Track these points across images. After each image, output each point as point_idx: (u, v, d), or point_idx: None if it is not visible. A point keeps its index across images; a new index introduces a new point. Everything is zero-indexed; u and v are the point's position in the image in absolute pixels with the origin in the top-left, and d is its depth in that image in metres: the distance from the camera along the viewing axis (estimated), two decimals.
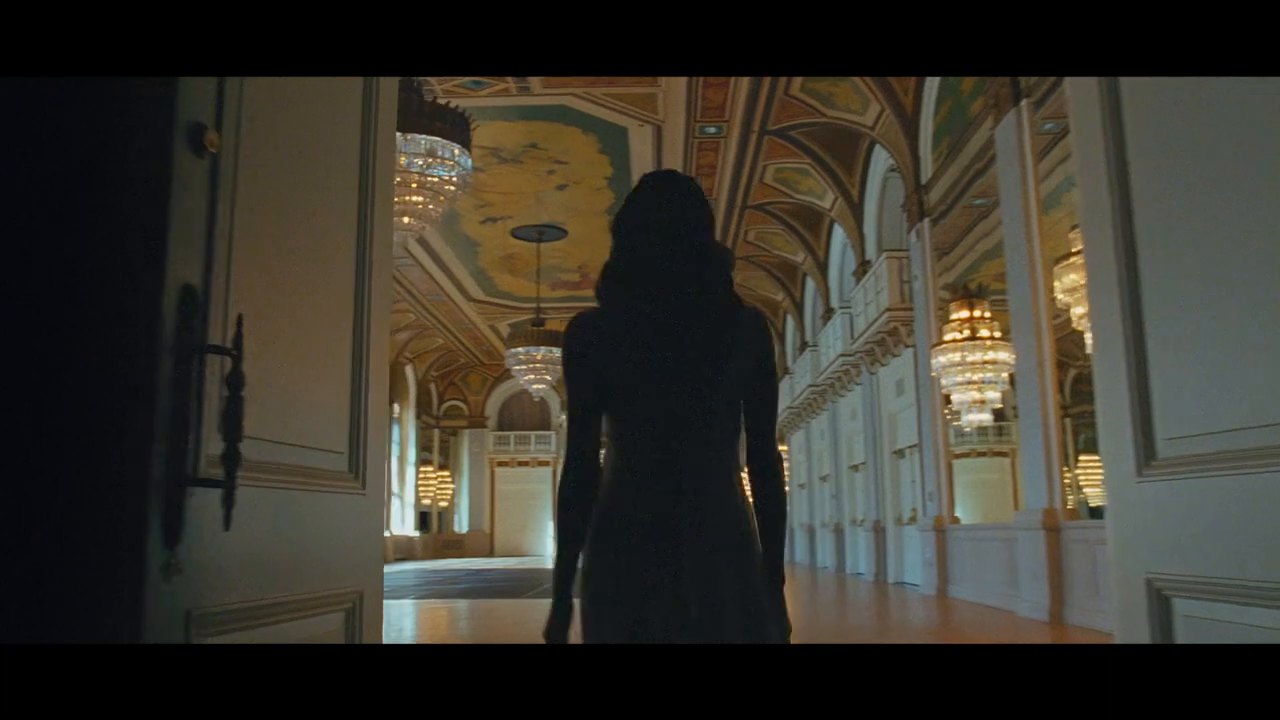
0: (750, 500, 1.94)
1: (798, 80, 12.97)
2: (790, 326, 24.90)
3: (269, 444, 1.64)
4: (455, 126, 8.77)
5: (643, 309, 1.90)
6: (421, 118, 8.54)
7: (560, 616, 1.84)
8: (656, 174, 2.05)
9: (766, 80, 12.67)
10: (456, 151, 8.73)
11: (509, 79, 12.54)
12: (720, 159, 15.40)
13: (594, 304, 1.97)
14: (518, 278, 23.13)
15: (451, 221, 18.82)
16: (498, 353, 33.41)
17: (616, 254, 1.99)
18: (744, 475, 1.96)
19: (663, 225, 1.95)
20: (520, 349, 18.82)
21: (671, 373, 1.86)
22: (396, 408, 31.84)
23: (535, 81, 12.65)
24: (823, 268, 19.54)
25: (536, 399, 22.32)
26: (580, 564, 1.88)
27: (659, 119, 13.93)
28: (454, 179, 8.90)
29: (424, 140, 8.53)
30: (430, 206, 8.93)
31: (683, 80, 12.72)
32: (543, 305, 21.91)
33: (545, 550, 35.44)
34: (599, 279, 1.99)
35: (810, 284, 21.41)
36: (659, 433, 1.87)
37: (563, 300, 24.94)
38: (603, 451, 1.96)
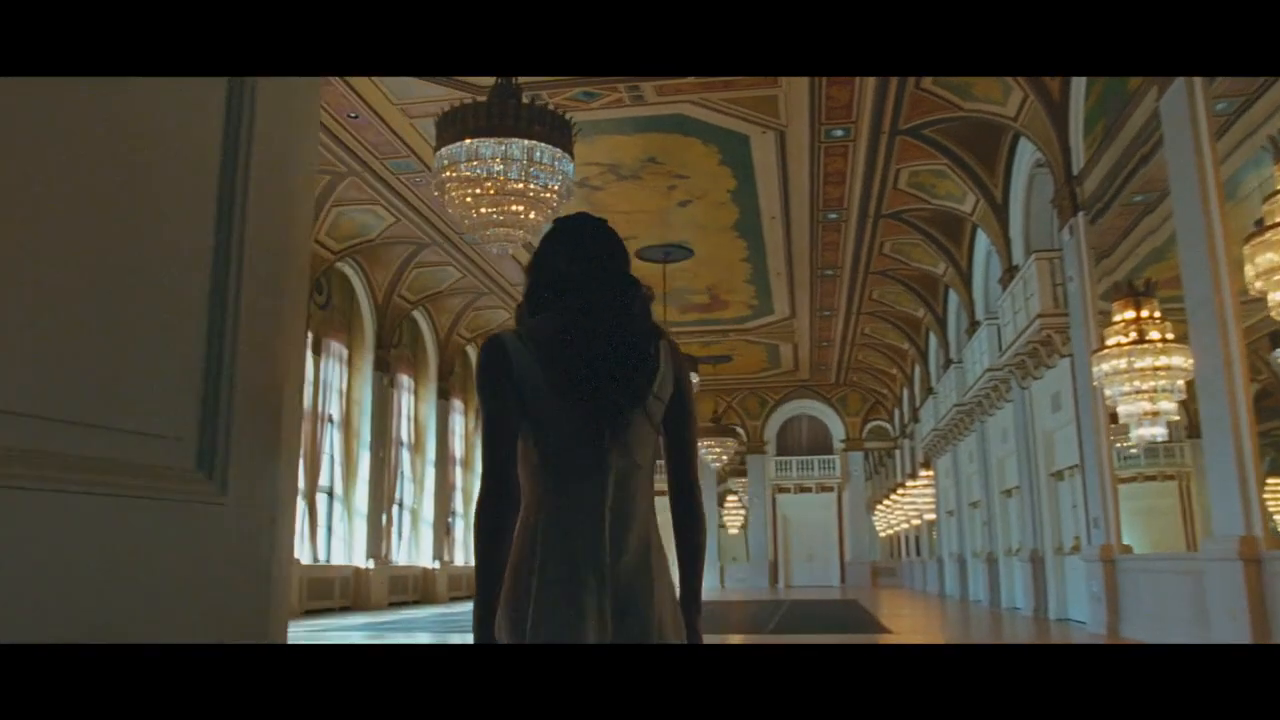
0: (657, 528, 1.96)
1: None
2: (933, 343, 23.55)
3: None
4: (555, 130, 8.23)
5: (563, 331, 1.90)
6: (518, 122, 8.05)
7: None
8: (570, 215, 2.11)
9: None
10: (556, 156, 8.20)
11: (620, 88, 12.05)
12: (849, 164, 14.50)
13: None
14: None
15: None
16: None
17: (535, 283, 2.02)
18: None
19: (583, 254, 2.00)
20: None
21: (593, 394, 1.86)
22: None
23: (648, 89, 12.11)
24: (966, 278, 18.29)
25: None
26: (509, 591, 1.83)
27: (781, 124, 13.17)
28: (555, 187, 8.36)
29: (520, 145, 8.04)
30: (532, 215, 8.42)
31: (804, 80, 11.95)
32: (673, 329, 21.22)
33: (832, 579, 35.15)
34: (519, 305, 2.04)
35: (953, 297, 20.12)
36: (582, 455, 1.87)
37: (694, 324, 24.32)
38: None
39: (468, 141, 8.06)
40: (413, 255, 18.36)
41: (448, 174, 8.24)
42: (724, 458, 29.15)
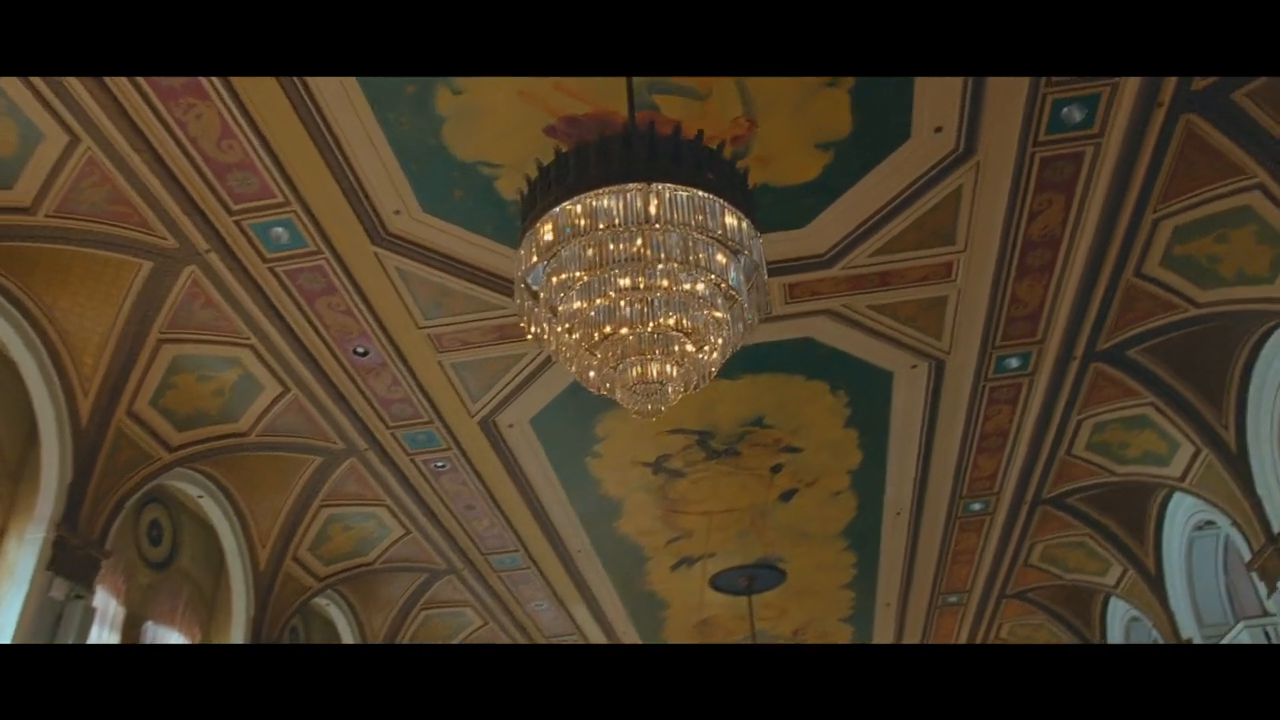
0: None
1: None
2: None
3: None
4: (728, 183, 4.59)
5: None
6: (675, 164, 4.40)
7: None
8: None
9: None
10: (740, 225, 4.47)
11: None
12: (1018, 411, 10.76)
13: None
14: None
15: (630, 573, 14.21)
16: None
17: None
18: None
19: None
20: None
21: None
22: None
23: (778, 291, 8.63)
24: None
25: None
26: None
27: (942, 348, 9.60)
28: (734, 291, 4.58)
29: (686, 198, 4.32)
30: (704, 349, 4.54)
31: (988, 275, 8.59)
32: None
33: None
34: None
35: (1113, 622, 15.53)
36: None
37: None
38: None
39: (578, 202, 4.34)
40: (422, 589, 13.94)
41: (545, 278, 4.45)
42: None
